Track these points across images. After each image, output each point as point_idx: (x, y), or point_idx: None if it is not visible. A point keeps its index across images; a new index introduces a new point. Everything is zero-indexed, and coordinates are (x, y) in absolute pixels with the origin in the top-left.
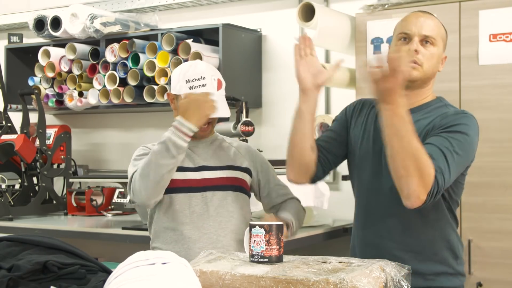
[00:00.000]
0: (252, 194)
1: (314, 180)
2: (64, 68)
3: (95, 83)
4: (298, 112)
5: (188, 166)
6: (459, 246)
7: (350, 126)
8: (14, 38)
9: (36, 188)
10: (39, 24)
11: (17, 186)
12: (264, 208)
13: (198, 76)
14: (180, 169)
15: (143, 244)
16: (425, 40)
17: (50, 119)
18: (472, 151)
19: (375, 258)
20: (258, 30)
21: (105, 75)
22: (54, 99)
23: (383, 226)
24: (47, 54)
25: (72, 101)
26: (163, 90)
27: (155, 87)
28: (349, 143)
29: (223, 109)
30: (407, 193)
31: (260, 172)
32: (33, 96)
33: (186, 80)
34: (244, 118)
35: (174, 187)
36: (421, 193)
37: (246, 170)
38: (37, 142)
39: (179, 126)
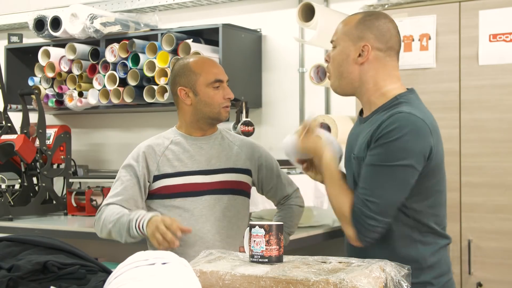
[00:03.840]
0: (253, 194)
1: None
2: (64, 68)
3: (95, 83)
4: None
5: (190, 169)
6: (425, 256)
7: None
8: (14, 38)
9: (36, 188)
10: (39, 24)
11: (17, 186)
12: (273, 202)
13: None
14: (182, 173)
15: (143, 244)
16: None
17: (50, 119)
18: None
19: None
20: (258, 30)
21: (105, 75)
22: (54, 99)
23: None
24: (47, 54)
25: (72, 101)
26: (163, 90)
27: (155, 87)
28: None
29: None
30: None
31: (265, 167)
32: (33, 96)
33: None
34: (244, 118)
35: (175, 192)
36: (349, 231)
37: (247, 172)
38: (37, 142)
39: (139, 221)
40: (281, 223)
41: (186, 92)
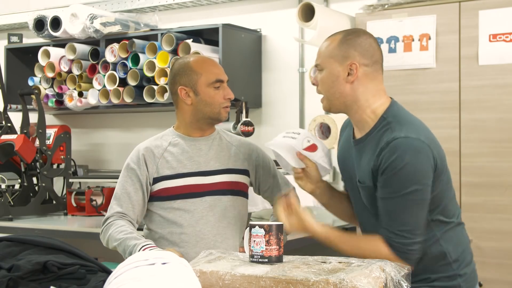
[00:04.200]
0: (252, 194)
1: None
2: (64, 68)
3: (95, 83)
4: None
5: (190, 171)
6: (448, 250)
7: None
8: (14, 38)
9: (36, 188)
10: (39, 24)
11: (17, 186)
12: (270, 202)
13: None
14: (181, 175)
15: None
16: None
17: (50, 119)
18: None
19: None
20: (258, 30)
21: (105, 75)
22: (54, 99)
23: None
24: (47, 54)
25: (72, 101)
26: (163, 90)
27: (155, 87)
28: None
29: None
30: None
31: (261, 168)
32: (33, 96)
33: None
34: (244, 118)
35: (175, 194)
36: (395, 259)
37: (245, 172)
38: (37, 142)
39: (144, 249)
40: (281, 223)
41: (186, 92)
